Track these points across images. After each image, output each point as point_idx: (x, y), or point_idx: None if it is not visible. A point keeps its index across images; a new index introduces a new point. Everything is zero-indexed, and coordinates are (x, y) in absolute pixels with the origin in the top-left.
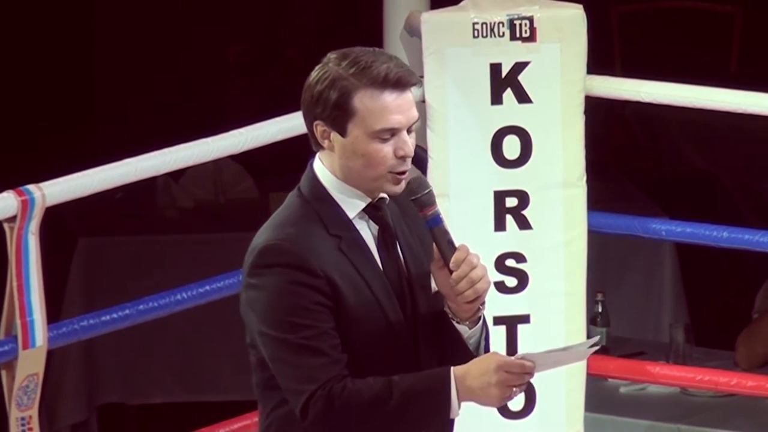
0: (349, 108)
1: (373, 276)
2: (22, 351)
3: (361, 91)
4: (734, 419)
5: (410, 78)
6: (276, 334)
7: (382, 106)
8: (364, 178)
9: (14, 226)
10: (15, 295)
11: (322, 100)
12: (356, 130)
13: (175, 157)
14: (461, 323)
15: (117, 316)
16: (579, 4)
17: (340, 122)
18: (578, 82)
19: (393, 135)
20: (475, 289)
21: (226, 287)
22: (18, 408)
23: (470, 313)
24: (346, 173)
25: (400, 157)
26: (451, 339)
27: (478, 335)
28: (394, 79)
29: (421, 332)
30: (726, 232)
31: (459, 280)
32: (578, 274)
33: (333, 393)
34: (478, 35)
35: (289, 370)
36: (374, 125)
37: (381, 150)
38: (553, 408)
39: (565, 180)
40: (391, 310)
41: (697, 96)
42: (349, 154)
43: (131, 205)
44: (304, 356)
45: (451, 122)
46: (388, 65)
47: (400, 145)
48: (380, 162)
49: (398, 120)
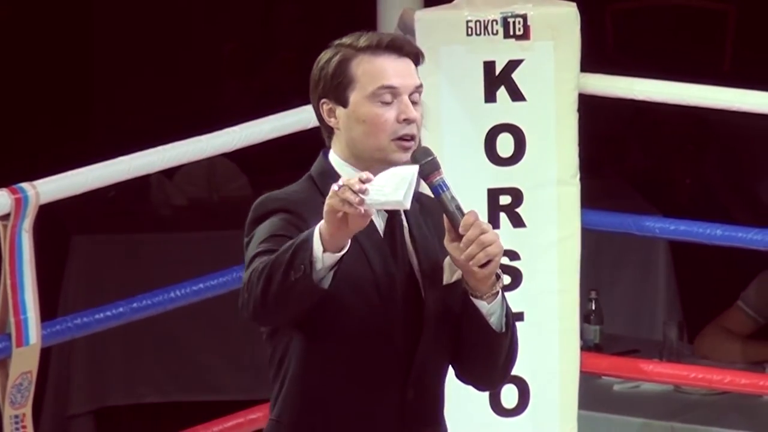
0: (348, 75)
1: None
2: (15, 349)
3: (359, 56)
4: (727, 417)
5: (407, 45)
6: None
7: (380, 68)
8: (368, 149)
9: (8, 224)
10: (9, 293)
11: (323, 75)
12: (356, 96)
13: (168, 154)
14: (480, 298)
15: (111, 314)
16: (572, 2)
17: (340, 92)
18: (572, 80)
19: (394, 97)
20: (486, 252)
21: (220, 285)
22: (11, 406)
23: (486, 284)
24: (352, 148)
25: (402, 120)
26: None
27: (498, 311)
28: (388, 42)
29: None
30: (719, 230)
31: (469, 243)
32: (572, 271)
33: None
34: (471, 33)
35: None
36: (371, 85)
37: (382, 114)
38: (546, 406)
39: (559, 178)
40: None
41: (690, 94)
42: (352, 123)
43: (125, 203)
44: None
45: (444, 120)
46: (383, 34)
47: (402, 109)
48: (381, 127)
49: (398, 80)
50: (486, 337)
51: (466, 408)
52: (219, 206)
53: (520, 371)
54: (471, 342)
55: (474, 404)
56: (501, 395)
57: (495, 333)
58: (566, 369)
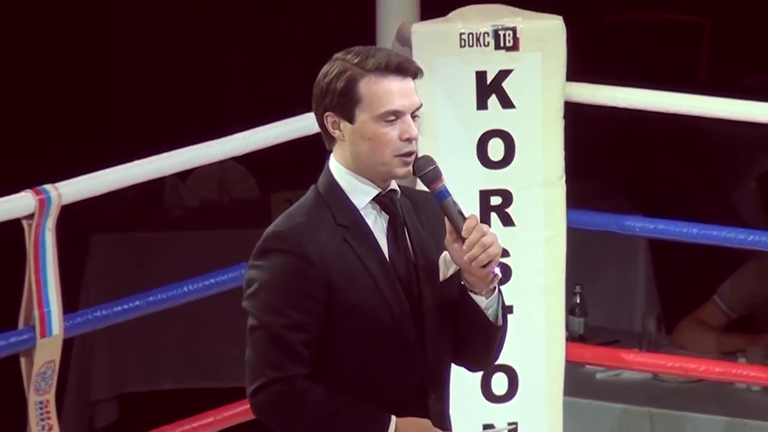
0: (356, 94)
1: (377, 265)
2: (39, 339)
3: (366, 77)
4: (703, 403)
5: (410, 65)
6: (259, 314)
7: (386, 91)
8: (372, 163)
9: (32, 223)
10: (33, 288)
11: (330, 91)
12: (363, 115)
13: (182, 158)
14: (478, 294)
15: (129, 307)
16: (559, 16)
17: (347, 109)
18: (558, 89)
19: (397, 118)
20: (487, 253)
21: (230, 280)
22: (36, 393)
23: (485, 282)
24: (356, 161)
25: (405, 139)
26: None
27: (495, 305)
28: (394, 64)
29: (427, 317)
30: (695, 229)
31: (472, 245)
32: (558, 267)
33: (293, 388)
34: (464, 45)
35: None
36: (379, 108)
37: (387, 133)
38: (533, 393)
39: (546, 180)
40: (394, 296)
41: (668, 101)
42: (357, 139)
43: (141, 204)
44: (275, 344)
45: (439, 126)
46: (389, 54)
47: (405, 129)
48: (386, 144)
49: (401, 103)
50: (484, 328)
51: (459, 395)
52: (229, 207)
53: (510, 360)
54: (469, 332)
55: (466, 391)
56: (492, 383)
57: (492, 325)
58: (552, 358)
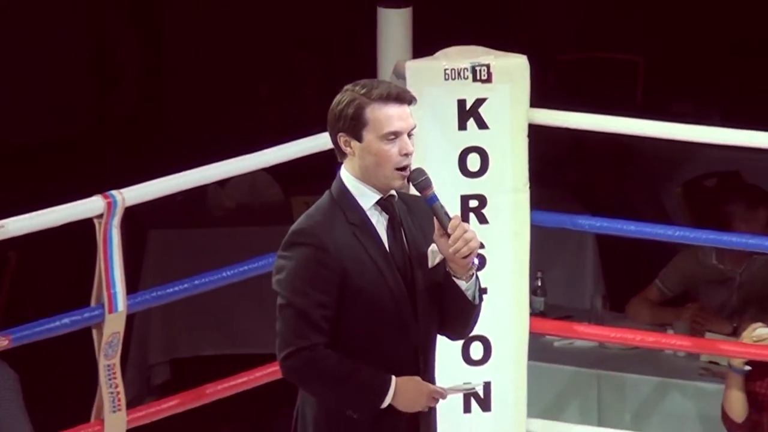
0: (363, 118)
1: (380, 255)
2: (107, 315)
3: (371, 104)
4: (639, 366)
5: (406, 95)
6: (288, 295)
7: (387, 116)
8: (377, 175)
9: (101, 222)
10: (102, 274)
11: (343, 116)
12: (369, 135)
13: (222, 169)
14: (460, 279)
15: (178, 289)
16: (523, 55)
17: (357, 130)
18: (523, 113)
19: (397, 137)
20: (468, 247)
21: (260, 267)
22: (105, 358)
23: (465, 269)
24: (363, 172)
25: (403, 154)
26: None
27: (473, 288)
28: (394, 94)
29: (419, 297)
30: (633, 226)
31: (456, 240)
32: (523, 257)
33: (316, 354)
34: (448, 78)
35: (287, 325)
36: (382, 130)
37: (389, 150)
38: (504, 357)
39: (514, 186)
40: (393, 280)
41: (610, 124)
42: (365, 154)
43: (188, 206)
44: (301, 319)
45: (428, 143)
46: (389, 86)
47: (403, 146)
48: (388, 159)
49: (400, 125)
50: (464, 306)
51: (444, 359)
52: (258, 209)
53: (484, 331)
54: (452, 309)
55: (450, 356)
56: (470, 349)
57: (471, 303)
58: (519, 330)
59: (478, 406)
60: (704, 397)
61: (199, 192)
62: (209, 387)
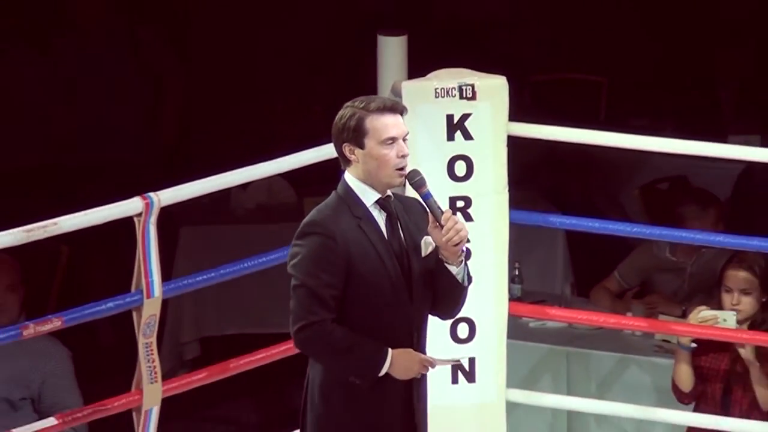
0: (364, 128)
1: (380, 244)
2: (145, 300)
3: (370, 116)
4: (602, 343)
5: (399, 106)
6: (300, 276)
7: (384, 124)
8: (378, 176)
9: (140, 220)
10: (141, 264)
11: (346, 128)
12: (370, 142)
13: (244, 174)
14: (451, 265)
15: (206, 277)
16: (503, 76)
17: (359, 139)
18: (503, 126)
19: (394, 141)
20: (459, 236)
21: (276, 258)
22: (144, 337)
23: (456, 256)
24: (366, 175)
25: (400, 156)
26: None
27: (463, 272)
28: (389, 106)
29: (414, 281)
30: (597, 223)
31: (448, 230)
32: (503, 250)
33: (324, 328)
34: (438, 96)
35: (299, 303)
36: (381, 136)
37: (388, 153)
38: (487, 336)
39: (495, 189)
40: (391, 266)
41: (577, 135)
42: (368, 159)
43: (214, 205)
44: (312, 297)
45: (421, 152)
46: (384, 99)
47: (399, 149)
48: (388, 161)
49: (396, 132)
50: (455, 289)
51: (435, 337)
52: (275, 208)
53: (470, 314)
54: (444, 292)
55: (440, 335)
56: (457, 329)
57: (461, 285)
58: (499, 313)
59: (464, 378)
60: (658, 371)
61: (224, 194)
62: (233, 362)
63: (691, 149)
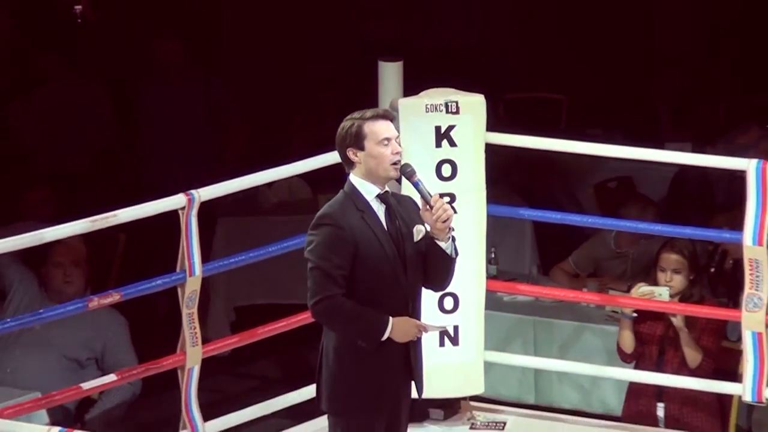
0: (363, 133)
1: (380, 231)
2: (188, 278)
3: (367, 122)
4: (562, 314)
5: (389, 113)
6: (315, 260)
7: (380, 128)
8: (377, 172)
9: (183, 212)
10: (184, 248)
11: (349, 135)
12: (370, 144)
13: (269, 174)
14: (441, 241)
15: (239, 259)
16: (481, 94)
17: (360, 143)
18: (481, 136)
19: (389, 141)
20: (447, 214)
21: (295, 244)
22: (187, 308)
23: (444, 232)
24: (367, 173)
25: (395, 153)
26: (436, 256)
27: (451, 246)
28: (381, 113)
29: (408, 261)
30: (559, 215)
31: (437, 210)
32: (481, 237)
33: (336, 301)
34: (428, 111)
35: (315, 281)
36: (378, 137)
37: (385, 151)
38: (468, 307)
39: (475, 187)
40: (390, 249)
41: (542, 143)
42: (368, 159)
43: (244, 200)
44: (325, 277)
45: (413, 157)
46: (377, 109)
47: (393, 147)
48: (385, 157)
49: (389, 133)
50: (445, 261)
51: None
52: (294, 203)
53: (454, 289)
54: (435, 265)
55: (430, 307)
56: (443, 302)
57: (450, 257)
58: (478, 288)
59: (450, 342)
60: (608, 336)
61: (253, 191)
62: (260, 328)
63: (635, 154)
